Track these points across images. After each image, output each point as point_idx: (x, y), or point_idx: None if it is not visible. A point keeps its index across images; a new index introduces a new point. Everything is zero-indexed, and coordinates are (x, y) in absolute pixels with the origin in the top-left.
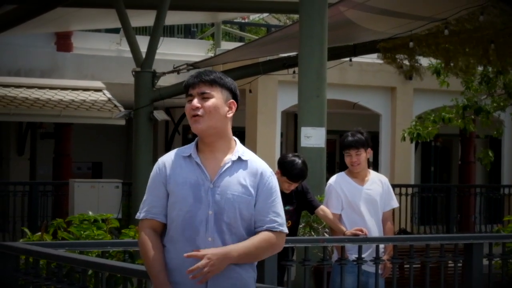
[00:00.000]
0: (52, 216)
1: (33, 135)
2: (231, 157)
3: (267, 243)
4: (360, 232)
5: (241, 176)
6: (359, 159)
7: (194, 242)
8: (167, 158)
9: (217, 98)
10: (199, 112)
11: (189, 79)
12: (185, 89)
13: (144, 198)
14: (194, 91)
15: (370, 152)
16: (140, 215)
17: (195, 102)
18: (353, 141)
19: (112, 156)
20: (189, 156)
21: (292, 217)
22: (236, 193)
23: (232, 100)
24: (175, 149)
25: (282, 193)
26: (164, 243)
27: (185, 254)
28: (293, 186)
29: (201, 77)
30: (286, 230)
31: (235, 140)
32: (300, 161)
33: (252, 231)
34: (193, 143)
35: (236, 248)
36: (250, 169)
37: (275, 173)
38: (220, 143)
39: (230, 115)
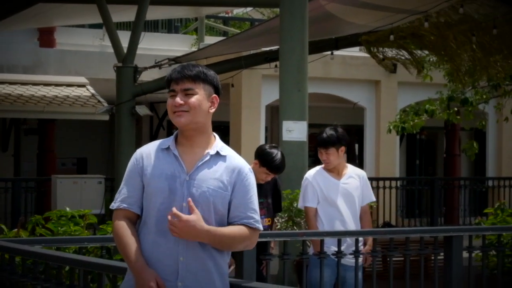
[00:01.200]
0: (36, 212)
1: (16, 131)
2: (209, 151)
3: (242, 236)
4: None
5: (218, 171)
6: (328, 158)
7: (167, 233)
8: (145, 150)
9: (200, 94)
10: (184, 108)
11: (172, 73)
12: (167, 83)
13: (120, 188)
14: (178, 87)
15: (343, 149)
16: (114, 205)
17: (179, 99)
18: (322, 140)
19: (97, 151)
20: (167, 149)
21: (269, 213)
22: (212, 187)
23: (214, 95)
24: (154, 141)
25: (258, 185)
26: (139, 234)
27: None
28: (270, 177)
29: (184, 72)
30: (261, 228)
31: (214, 136)
32: (279, 152)
33: (224, 226)
34: (173, 136)
35: (211, 229)
36: (228, 164)
37: (253, 164)
38: (200, 137)
39: (212, 110)
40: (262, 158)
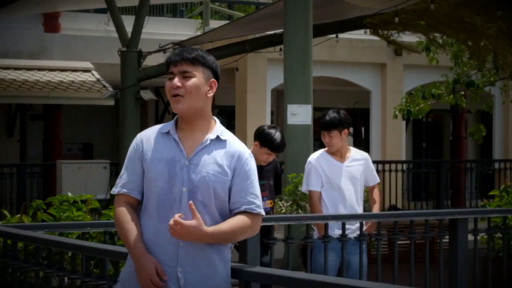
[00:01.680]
0: (41, 198)
1: (22, 117)
2: (209, 136)
3: (242, 227)
4: None
5: (218, 156)
6: (331, 140)
7: (167, 218)
8: (145, 134)
9: (198, 78)
10: (180, 92)
11: (170, 56)
12: (166, 66)
13: (121, 173)
14: (176, 69)
15: (346, 132)
16: (115, 190)
17: (176, 81)
18: (325, 122)
19: (103, 136)
20: (168, 133)
21: (271, 195)
22: (212, 172)
23: (213, 79)
24: (155, 125)
25: (259, 167)
26: (140, 219)
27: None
28: (271, 157)
29: (182, 55)
30: (263, 213)
31: (215, 120)
32: (278, 132)
33: (226, 213)
34: (173, 121)
35: (213, 231)
36: (228, 149)
37: (254, 145)
38: (199, 122)
39: (210, 94)
40: (262, 138)
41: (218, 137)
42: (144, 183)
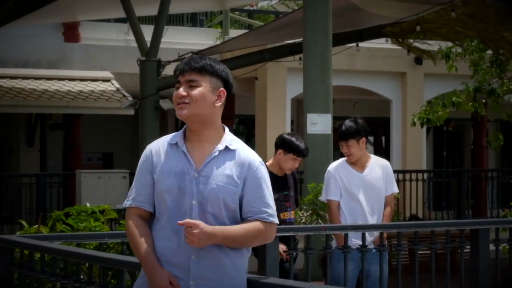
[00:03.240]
0: (61, 208)
1: (42, 127)
2: (218, 146)
3: (255, 232)
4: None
5: (228, 166)
6: (350, 150)
7: (179, 231)
8: (154, 146)
9: (204, 87)
10: (186, 100)
11: (178, 65)
12: (174, 75)
13: (132, 185)
14: (183, 78)
15: (364, 141)
16: (127, 203)
17: (181, 90)
18: (341, 132)
19: (123, 146)
20: (176, 144)
21: (293, 206)
22: (221, 183)
23: (222, 89)
24: (164, 136)
25: (281, 178)
26: (152, 232)
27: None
28: (297, 163)
29: (190, 64)
30: (276, 221)
31: (224, 129)
32: (299, 137)
33: (237, 223)
34: (181, 131)
35: (222, 230)
36: (238, 159)
37: (278, 154)
38: (207, 132)
39: (218, 104)
40: (285, 145)
41: (227, 147)
42: (155, 195)
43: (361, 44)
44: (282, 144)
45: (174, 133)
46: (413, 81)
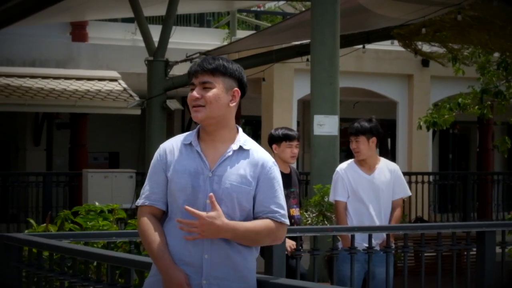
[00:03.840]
0: (67, 207)
1: (49, 126)
2: (232, 146)
3: (267, 230)
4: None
5: (242, 166)
6: (358, 146)
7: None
8: (168, 145)
9: (218, 88)
10: (200, 102)
11: (191, 66)
12: (188, 76)
13: (145, 184)
14: (196, 81)
15: (374, 141)
16: (139, 201)
17: (195, 93)
18: (353, 128)
19: (129, 146)
20: (190, 144)
21: (299, 203)
22: (235, 183)
23: (236, 89)
24: (177, 135)
25: (287, 175)
26: (164, 230)
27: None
28: (295, 148)
29: (202, 66)
30: (287, 222)
31: (237, 129)
32: (285, 127)
33: None
34: (195, 131)
35: (234, 224)
36: (252, 159)
37: (274, 150)
38: (221, 132)
39: (233, 104)
40: (274, 138)
41: (241, 147)
42: (168, 194)
43: (368, 46)
44: (272, 139)
45: (187, 133)
46: (420, 84)
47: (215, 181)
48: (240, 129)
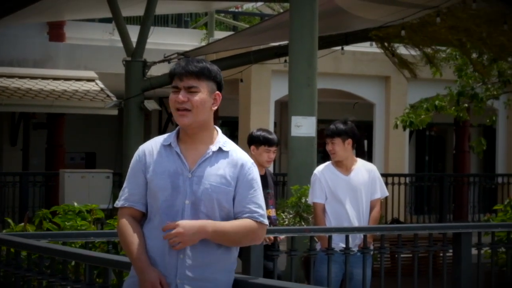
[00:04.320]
0: (44, 206)
1: (26, 126)
2: (211, 147)
3: (246, 229)
4: None
5: (221, 167)
6: (334, 148)
7: (170, 231)
8: (148, 146)
9: (203, 92)
10: (187, 106)
11: (176, 67)
12: (170, 77)
13: (124, 185)
14: (181, 84)
15: (350, 142)
16: (118, 203)
17: (181, 96)
18: (329, 130)
19: (106, 146)
20: (169, 145)
21: (275, 204)
22: (214, 183)
23: (217, 92)
24: (156, 137)
25: (263, 176)
26: (144, 231)
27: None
28: (272, 155)
29: (188, 68)
30: (267, 222)
31: (217, 130)
32: (267, 129)
33: None
34: (174, 132)
35: (213, 224)
36: (231, 160)
37: (251, 152)
38: (202, 134)
39: (215, 107)
40: (254, 140)
41: (220, 148)
42: (147, 195)
43: (346, 48)
44: (251, 140)
45: (167, 134)
46: (397, 85)
47: (194, 182)
48: (220, 131)
